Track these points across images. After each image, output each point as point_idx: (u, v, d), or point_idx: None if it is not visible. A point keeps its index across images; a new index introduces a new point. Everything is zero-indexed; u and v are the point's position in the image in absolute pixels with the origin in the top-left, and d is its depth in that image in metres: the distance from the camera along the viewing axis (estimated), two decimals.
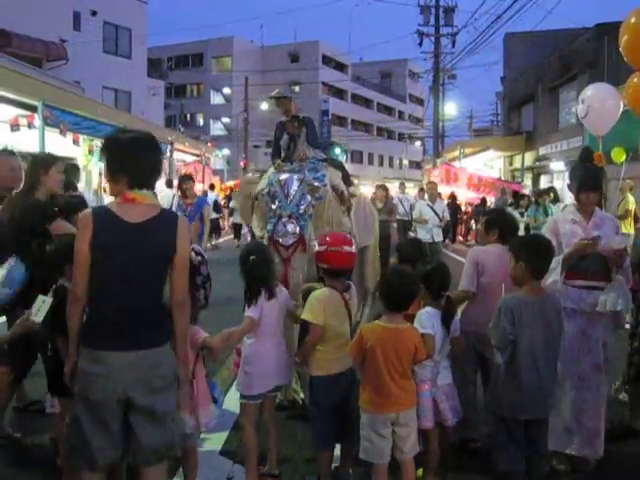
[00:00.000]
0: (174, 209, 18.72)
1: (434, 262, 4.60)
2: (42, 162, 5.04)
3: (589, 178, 4.81)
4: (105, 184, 3.61)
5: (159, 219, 3.25)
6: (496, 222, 5.07)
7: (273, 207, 5.74)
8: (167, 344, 3.32)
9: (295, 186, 5.75)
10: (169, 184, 20.57)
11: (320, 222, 5.68)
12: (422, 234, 13.21)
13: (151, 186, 3.33)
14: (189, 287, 3.50)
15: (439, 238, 13.73)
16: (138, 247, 3.18)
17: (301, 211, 5.65)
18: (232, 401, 4.89)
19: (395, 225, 16.21)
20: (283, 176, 5.86)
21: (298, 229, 5.60)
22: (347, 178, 6.25)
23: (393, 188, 22.01)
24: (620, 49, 6.63)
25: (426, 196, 15.00)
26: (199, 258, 3.93)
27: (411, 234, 16.47)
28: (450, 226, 19.99)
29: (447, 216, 14.57)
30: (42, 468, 4.50)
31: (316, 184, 5.74)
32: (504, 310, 3.93)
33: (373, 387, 3.92)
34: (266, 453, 4.40)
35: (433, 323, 4.16)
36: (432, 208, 13.55)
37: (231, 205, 21.79)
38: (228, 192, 26.78)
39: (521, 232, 9.63)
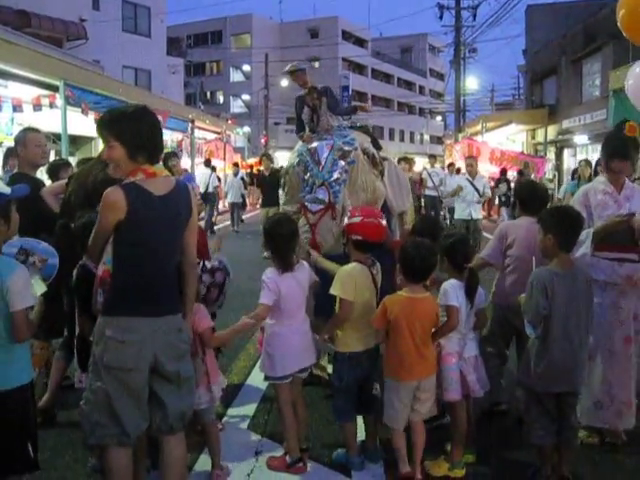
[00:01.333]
0: (210, 187, 19.91)
1: (457, 234, 4.53)
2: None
3: (620, 146, 4.73)
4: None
5: (177, 189, 3.40)
6: (520, 195, 5.44)
7: (306, 177, 5.67)
8: (181, 312, 3.49)
9: (325, 153, 5.66)
10: (207, 163, 21.46)
11: (355, 187, 5.59)
12: (459, 211, 12.72)
13: (159, 160, 3.50)
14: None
15: (478, 215, 12.67)
16: (168, 217, 3.31)
17: (334, 177, 5.54)
18: (258, 376, 4.87)
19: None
20: (312, 145, 5.80)
21: (328, 196, 5.49)
22: (376, 142, 6.16)
23: (417, 163, 21.90)
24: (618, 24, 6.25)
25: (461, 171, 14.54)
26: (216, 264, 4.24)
27: (442, 212, 16.09)
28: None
29: (488, 192, 13.63)
30: (74, 442, 4.55)
31: (346, 148, 5.65)
32: (536, 284, 3.89)
33: (397, 356, 4.04)
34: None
35: (457, 295, 4.15)
36: (472, 183, 12.63)
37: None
38: (249, 169, 26.95)
39: None
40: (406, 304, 4.01)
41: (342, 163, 5.57)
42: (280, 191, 6.12)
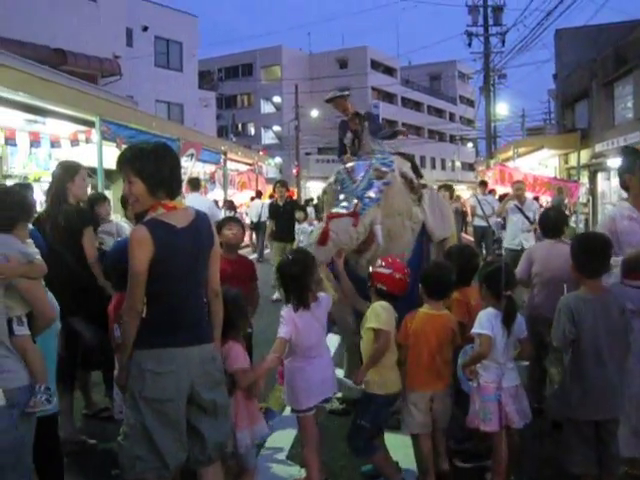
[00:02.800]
0: (263, 217, 20.38)
1: (497, 262, 4.56)
2: (68, 170, 5.14)
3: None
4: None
5: (198, 219, 3.48)
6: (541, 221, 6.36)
7: (340, 196, 5.65)
8: (213, 341, 3.55)
9: (362, 172, 5.67)
10: (258, 195, 22.81)
11: (391, 209, 5.56)
12: (508, 240, 11.62)
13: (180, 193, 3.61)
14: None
15: (529, 243, 10.80)
16: (192, 248, 3.38)
17: (367, 194, 5.48)
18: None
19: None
20: (350, 164, 5.84)
21: (355, 206, 5.39)
22: (416, 169, 6.15)
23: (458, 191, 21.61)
24: None
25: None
26: None
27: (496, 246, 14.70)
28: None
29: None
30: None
31: (383, 169, 5.65)
32: (563, 309, 3.91)
33: (416, 367, 4.29)
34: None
35: (492, 325, 4.14)
36: (521, 210, 11.52)
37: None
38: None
39: None
40: (424, 319, 4.33)
41: (378, 183, 5.56)
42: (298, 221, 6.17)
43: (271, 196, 28.00)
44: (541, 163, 31.03)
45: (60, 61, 24.46)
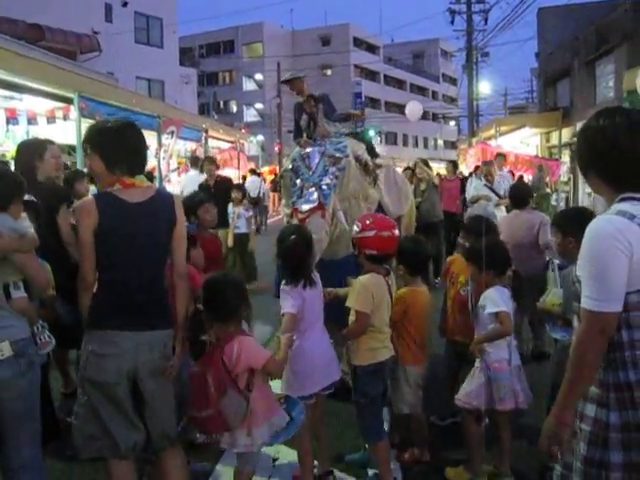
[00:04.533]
0: (261, 192, 22.34)
1: (489, 240, 4.44)
2: (35, 148, 4.98)
3: None
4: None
5: (158, 197, 3.39)
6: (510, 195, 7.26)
7: (297, 182, 5.75)
8: (171, 328, 3.40)
9: (317, 158, 5.74)
10: (253, 172, 24.00)
11: (346, 193, 5.69)
12: None
13: (142, 171, 3.46)
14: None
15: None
16: (145, 225, 3.29)
17: (324, 182, 5.59)
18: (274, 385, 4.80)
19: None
20: (305, 151, 5.89)
21: (319, 197, 5.52)
22: (372, 150, 6.27)
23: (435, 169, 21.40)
24: None
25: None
26: None
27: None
28: None
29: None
30: None
31: (337, 155, 5.73)
32: (569, 279, 3.91)
33: (415, 342, 4.36)
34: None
35: (505, 300, 4.13)
36: (491, 189, 11.31)
37: None
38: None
39: None
40: (414, 295, 4.38)
41: (333, 169, 5.67)
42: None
43: (253, 172, 28.21)
44: (523, 141, 31.04)
45: (37, 37, 24.15)
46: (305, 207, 5.52)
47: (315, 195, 5.53)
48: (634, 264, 2.23)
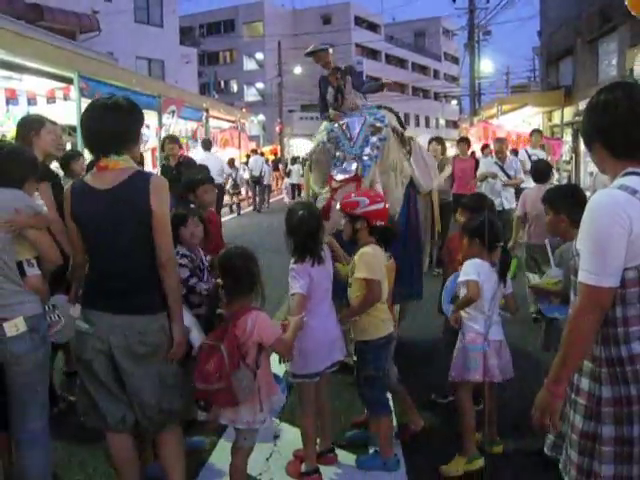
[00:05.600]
0: (265, 174, 23.15)
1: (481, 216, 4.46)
2: (32, 124, 4.92)
3: None
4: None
5: (130, 181, 3.23)
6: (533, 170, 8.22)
7: (337, 154, 5.58)
8: (158, 313, 3.30)
9: (357, 128, 5.60)
10: (255, 151, 24.78)
11: (386, 165, 5.54)
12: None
13: (120, 151, 3.26)
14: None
15: (511, 205, 10.53)
16: (110, 213, 3.21)
17: (366, 152, 5.46)
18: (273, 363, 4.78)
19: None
20: (343, 121, 5.72)
21: (357, 168, 5.36)
22: (401, 123, 6.11)
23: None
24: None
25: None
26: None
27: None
28: None
29: (521, 175, 11.16)
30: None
31: (378, 124, 5.61)
32: (567, 255, 3.96)
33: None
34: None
35: (479, 272, 4.15)
36: (502, 168, 10.92)
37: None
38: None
39: None
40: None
41: (374, 139, 5.53)
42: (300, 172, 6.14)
43: (254, 151, 28.35)
44: (525, 121, 30.95)
45: (36, 16, 23.99)
46: (340, 177, 5.36)
47: (354, 166, 5.37)
48: (633, 239, 2.23)
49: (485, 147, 15.41)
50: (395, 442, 4.41)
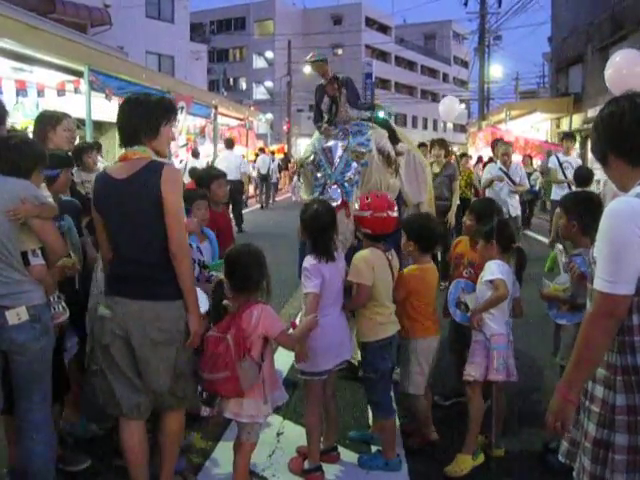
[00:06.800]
0: (273, 172, 24.37)
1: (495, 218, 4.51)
2: (49, 119, 4.99)
3: None
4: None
5: (144, 171, 3.35)
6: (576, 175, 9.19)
7: (318, 176, 5.70)
8: (174, 300, 3.39)
9: (339, 153, 5.67)
10: (263, 150, 25.95)
11: (368, 187, 5.57)
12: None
13: (140, 143, 3.41)
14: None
15: (517, 212, 10.42)
16: (126, 201, 3.35)
17: (346, 178, 5.55)
18: (278, 360, 4.77)
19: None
20: (327, 144, 5.79)
21: (342, 194, 5.50)
22: (394, 136, 6.10)
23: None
24: None
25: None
26: None
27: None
28: None
29: (526, 182, 11.04)
30: None
31: (361, 150, 5.65)
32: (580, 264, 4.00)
33: (425, 316, 4.39)
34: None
35: (502, 271, 4.19)
36: (507, 174, 10.40)
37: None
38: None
39: None
40: (421, 272, 4.42)
41: (355, 165, 5.61)
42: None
43: (272, 152, 28.66)
44: (533, 127, 30.95)
45: (48, 9, 24.06)
46: None
47: (338, 193, 5.49)
48: None
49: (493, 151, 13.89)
50: (397, 443, 4.41)
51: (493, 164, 11.47)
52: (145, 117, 3.44)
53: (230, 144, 17.57)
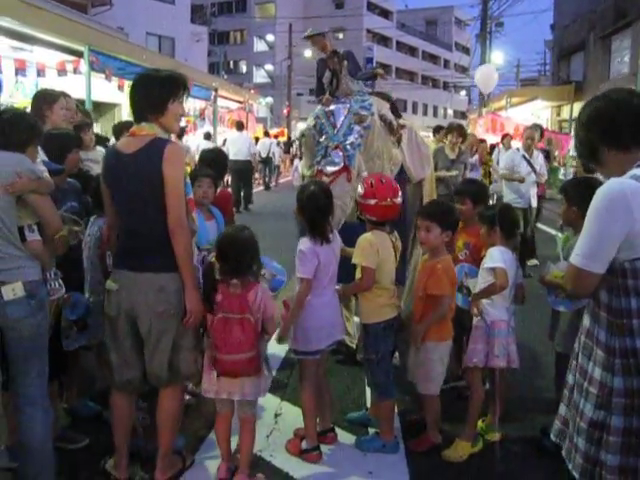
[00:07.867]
0: (271, 153, 24.43)
1: (498, 203, 4.49)
2: (46, 97, 4.95)
3: None
4: None
5: (148, 147, 3.41)
6: None
7: (320, 140, 5.65)
8: (176, 272, 3.43)
9: (342, 116, 5.64)
10: (267, 134, 26.39)
11: (370, 153, 5.57)
12: (512, 197, 9.62)
13: (147, 119, 3.47)
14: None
15: (536, 202, 10.05)
16: (130, 175, 3.41)
17: (349, 141, 5.50)
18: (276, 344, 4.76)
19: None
20: (329, 108, 5.77)
21: (344, 158, 5.44)
22: (395, 109, 6.08)
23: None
24: None
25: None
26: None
27: None
28: None
29: (544, 172, 10.59)
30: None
31: (363, 112, 5.61)
32: None
33: (444, 317, 4.20)
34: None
35: (505, 259, 4.17)
36: (529, 162, 9.93)
37: None
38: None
39: None
40: (448, 266, 4.23)
41: (358, 127, 5.55)
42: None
43: (276, 136, 28.73)
44: (533, 114, 30.86)
45: None
46: (330, 169, 5.42)
47: (340, 156, 5.43)
48: None
49: (505, 137, 13.94)
50: (395, 426, 4.42)
51: (515, 150, 10.86)
52: (150, 95, 3.50)
53: (240, 126, 18.79)
